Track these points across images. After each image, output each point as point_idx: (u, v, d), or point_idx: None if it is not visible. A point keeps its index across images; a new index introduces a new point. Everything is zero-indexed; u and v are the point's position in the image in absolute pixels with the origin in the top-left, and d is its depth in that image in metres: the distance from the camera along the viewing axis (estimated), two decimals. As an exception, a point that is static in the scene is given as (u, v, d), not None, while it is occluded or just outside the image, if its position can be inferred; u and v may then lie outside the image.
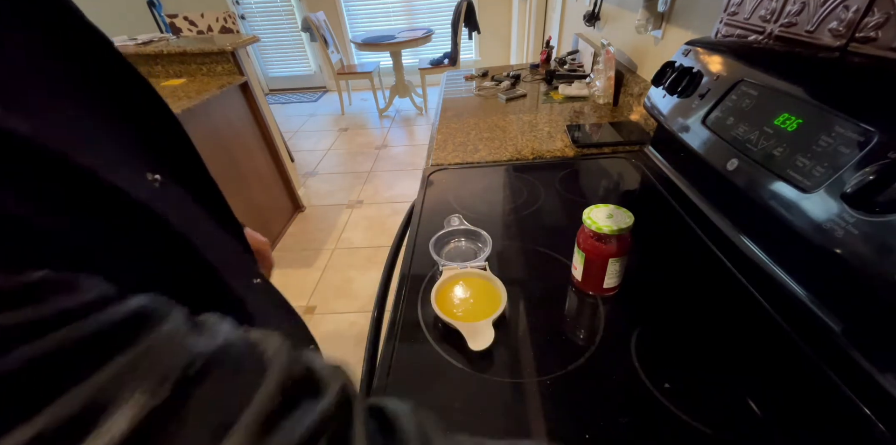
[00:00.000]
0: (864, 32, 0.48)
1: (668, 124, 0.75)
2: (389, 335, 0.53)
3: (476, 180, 0.88)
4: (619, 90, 1.23)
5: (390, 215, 2.36)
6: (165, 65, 1.89)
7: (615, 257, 0.51)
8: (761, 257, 0.54)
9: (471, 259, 0.61)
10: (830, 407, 0.40)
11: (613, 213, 0.51)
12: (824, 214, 0.41)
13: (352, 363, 0.98)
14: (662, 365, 0.46)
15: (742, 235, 0.58)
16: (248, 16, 4.21)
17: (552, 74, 1.50)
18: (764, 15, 0.64)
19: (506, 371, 0.47)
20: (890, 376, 0.37)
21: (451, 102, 1.42)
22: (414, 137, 3.41)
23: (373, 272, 1.94)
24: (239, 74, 1.90)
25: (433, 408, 0.44)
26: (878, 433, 0.37)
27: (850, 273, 0.40)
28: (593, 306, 0.55)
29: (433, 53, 3.96)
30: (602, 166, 0.91)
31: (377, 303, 0.64)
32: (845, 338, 0.42)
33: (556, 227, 0.72)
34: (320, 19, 3.57)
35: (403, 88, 3.83)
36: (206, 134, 1.67)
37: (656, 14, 1.02)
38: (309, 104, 4.35)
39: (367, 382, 0.49)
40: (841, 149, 0.41)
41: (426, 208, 0.80)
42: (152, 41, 1.96)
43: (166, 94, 1.65)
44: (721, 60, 0.66)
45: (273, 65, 4.60)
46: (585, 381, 0.45)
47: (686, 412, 0.41)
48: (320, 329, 1.65)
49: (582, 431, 0.40)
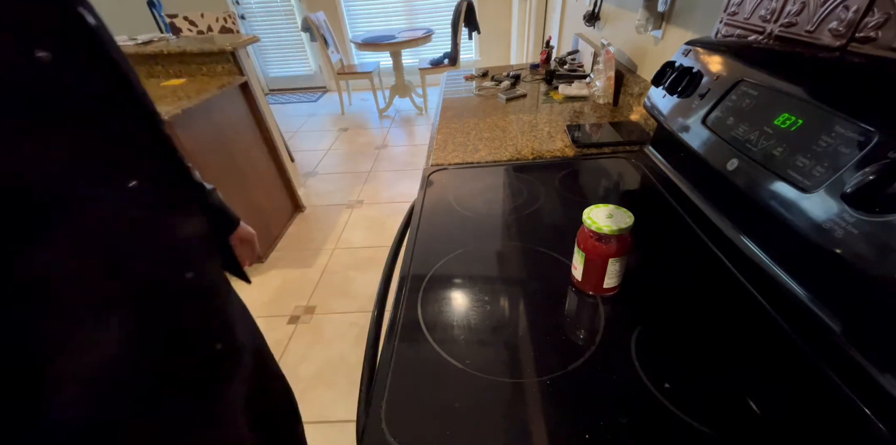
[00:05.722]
0: (864, 32, 0.48)
1: (668, 124, 0.75)
2: (389, 335, 0.53)
3: (476, 180, 0.88)
4: (619, 90, 1.23)
5: (390, 215, 2.36)
6: (165, 65, 1.89)
7: (615, 257, 0.51)
8: (761, 257, 0.54)
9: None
10: (830, 407, 0.40)
11: (613, 213, 0.51)
12: (824, 214, 0.41)
13: (352, 363, 0.99)
14: (662, 365, 0.46)
15: (742, 235, 0.58)
16: (248, 16, 4.21)
17: (552, 74, 1.50)
18: (764, 15, 0.64)
19: (506, 371, 0.47)
20: (890, 376, 0.37)
21: (451, 102, 1.42)
22: (414, 137, 3.41)
23: (373, 272, 1.94)
24: (239, 73, 1.90)
25: (433, 408, 0.44)
26: (878, 433, 0.37)
27: (850, 273, 0.40)
28: (593, 306, 0.55)
29: (433, 53, 3.96)
30: (602, 166, 0.91)
31: (377, 303, 0.63)
32: (845, 338, 0.42)
33: (556, 227, 0.72)
34: (320, 19, 3.57)
35: (403, 88, 3.83)
36: (206, 134, 1.67)
37: (656, 14, 1.02)
38: (309, 104, 4.35)
39: (368, 382, 0.49)
40: (841, 149, 0.41)
41: (426, 208, 0.80)
42: (152, 41, 1.96)
43: (166, 93, 1.65)
44: (721, 59, 0.66)
45: (273, 65, 4.60)
46: (585, 381, 0.45)
47: (686, 412, 0.41)
48: (320, 329, 1.65)
49: (582, 431, 0.40)
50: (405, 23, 4.26)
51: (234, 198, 1.82)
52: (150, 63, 1.89)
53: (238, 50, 1.86)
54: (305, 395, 1.40)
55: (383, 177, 2.80)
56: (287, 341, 1.61)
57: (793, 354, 0.45)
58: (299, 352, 1.56)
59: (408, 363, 0.49)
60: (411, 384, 0.47)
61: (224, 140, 1.78)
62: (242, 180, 1.90)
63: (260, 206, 2.04)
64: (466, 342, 0.51)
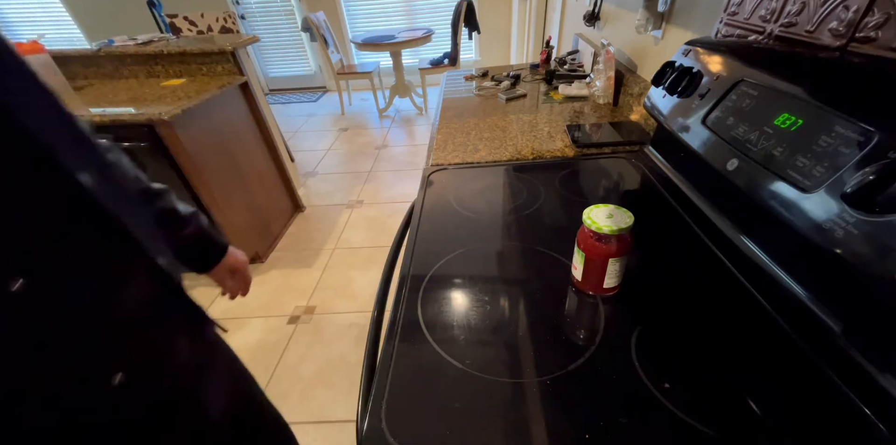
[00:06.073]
0: (864, 32, 0.48)
1: (668, 124, 0.75)
2: (389, 335, 0.53)
3: (476, 180, 0.88)
4: (619, 90, 1.23)
5: (390, 215, 2.36)
6: (165, 65, 1.89)
7: (615, 257, 0.51)
8: (761, 257, 0.54)
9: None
10: (830, 407, 0.40)
11: (613, 213, 0.51)
12: (824, 214, 0.41)
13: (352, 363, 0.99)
14: (662, 365, 0.46)
15: (742, 235, 0.58)
16: (248, 16, 4.21)
17: (552, 74, 1.50)
18: (764, 15, 0.64)
19: (506, 371, 0.47)
20: (890, 376, 0.37)
21: (451, 102, 1.42)
22: (414, 137, 3.41)
23: (373, 272, 1.94)
24: (239, 73, 1.90)
25: (433, 408, 0.44)
26: (878, 433, 0.37)
27: (850, 273, 0.40)
28: (593, 306, 0.55)
29: (433, 53, 3.96)
30: (602, 166, 0.91)
31: (377, 303, 0.63)
32: (845, 338, 0.42)
33: (556, 227, 0.72)
34: (320, 19, 3.57)
35: (403, 88, 3.83)
36: (206, 134, 1.67)
37: (656, 14, 1.02)
38: (309, 104, 4.35)
39: (368, 382, 0.49)
40: (841, 149, 0.41)
41: (426, 208, 0.80)
42: (152, 41, 1.96)
43: (166, 93, 1.65)
44: (721, 59, 0.66)
45: (273, 65, 4.60)
46: (585, 381, 0.45)
47: (686, 412, 0.41)
48: (320, 329, 1.65)
49: (582, 431, 0.40)
50: (405, 23, 4.26)
51: (234, 198, 1.82)
52: (150, 63, 1.89)
53: (238, 50, 1.86)
54: (305, 395, 1.40)
55: (383, 177, 2.80)
56: (287, 341, 1.61)
57: (793, 354, 0.45)
58: (299, 352, 1.56)
59: (408, 363, 0.49)
60: (411, 384, 0.47)
61: (224, 140, 1.78)
62: (242, 180, 1.90)
63: (260, 206, 2.04)
64: (466, 342, 0.51)
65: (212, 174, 1.68)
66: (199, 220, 0.63)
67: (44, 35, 1.78)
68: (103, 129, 1.46)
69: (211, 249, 0.66)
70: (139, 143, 1.48)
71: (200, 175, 1.62)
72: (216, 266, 0.67)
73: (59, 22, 4.16)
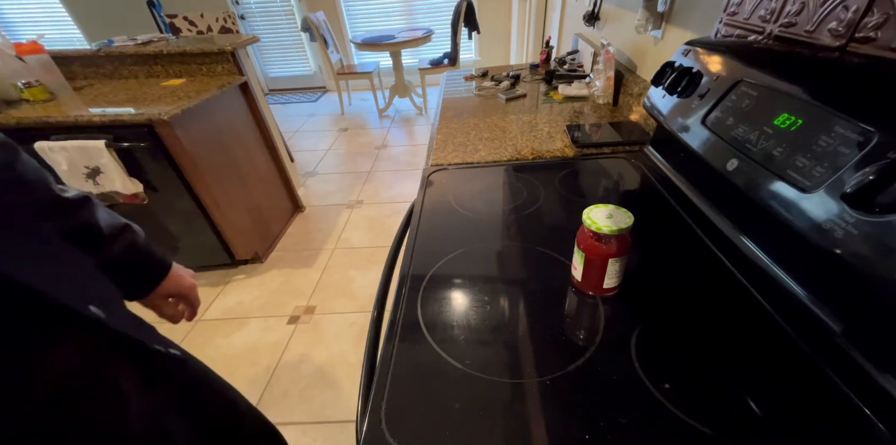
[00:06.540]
0: (864, 32, 0.48)
1: (667, 124, 0.75)
2: (389, 335, 0.53)
3: (476, 180, 0.88)
4: (619, 90, 1.23)
5: (390, 215, 2.36)
6: (165, 65, 1.89)
7: (615, 258, 0.51)
8: (761, 257, 0.54)
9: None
10: (830, 407, 0.40)
11: (613, 213, 0.51)
12: (824, 214, 0.41)
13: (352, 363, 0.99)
14: (662, 365, 0.46)
15: (742, 235, 0.58)
16: (247, 16, 4.21)
17: (552, 74, 1.50)
18: (763, 15, 0.64)
19: (506, 371, 0.47)
20: (890, 376, 0.37)
21: (451, 102, 1.42)
22: (414, 137, 3.41)
23: (373, 272, 1.94)
24: (239, 74, 1.90)
25: (433, 408, 0.44)
26: (878, 433, 0.37)
27: (850, 273, 0.40)
28: (593, 306, 0.55)
29: (433, 53, 3.96)
30: (602, 166, 0.91)
31: (377, 303, 0.64)
32: (845, 338, 0.42)
33: (556, 227, 0.72)
34: (320, 19, 3.57)
35: (403, 88, 3.83)
36: (206, 134, 1.67)
37: (656, 14, 1.02)
38: (309, 104, 4.35)
39: (367, 382, 0.49)
40: (841, 149, 0.41)
41: (426, 208, 0.80)
42: (152, 41, 1.96)
43: (166, 93, 1.65)
44: (721, 59, 0.66)
45: (273, 65, 4.60)
46: (585, 381, 0.45)
47: (686, 412, 0.41)
48: (320, 329, 1.65)
49: (582, 431, 0.40)
50: (405, 23, 4.26)
51: (234, 198, 1.83)
52: (150, 63, 1.89)
53: (238, 50, 1.86)
54: (305, 395, 1.40)
55: (383, 177, 2.80)
56: (287, 341, 1.61)
57: (793, 354, 0.45)
58: (299, 352, 1.56)
59: (408, 363, 0.49)
60: (411, 384, 0.47)
61: (224, 140, 1.78)
62: (242, 180, 1.90)
63: (260, 206, 2.04)
64: (466, 342, 0.51)
65: (211, 174, 1.68)
66: (132, 236, 0.54)
67: (44, 35, 1.77)
68: (103, 129, 1.46)
69: (145, 272, 0.57)
70: (139, 143, 1.48)
71: (200, 175, 1.62)
72: (151, 293, 0.58)
73: (58, 22, 4.16)
